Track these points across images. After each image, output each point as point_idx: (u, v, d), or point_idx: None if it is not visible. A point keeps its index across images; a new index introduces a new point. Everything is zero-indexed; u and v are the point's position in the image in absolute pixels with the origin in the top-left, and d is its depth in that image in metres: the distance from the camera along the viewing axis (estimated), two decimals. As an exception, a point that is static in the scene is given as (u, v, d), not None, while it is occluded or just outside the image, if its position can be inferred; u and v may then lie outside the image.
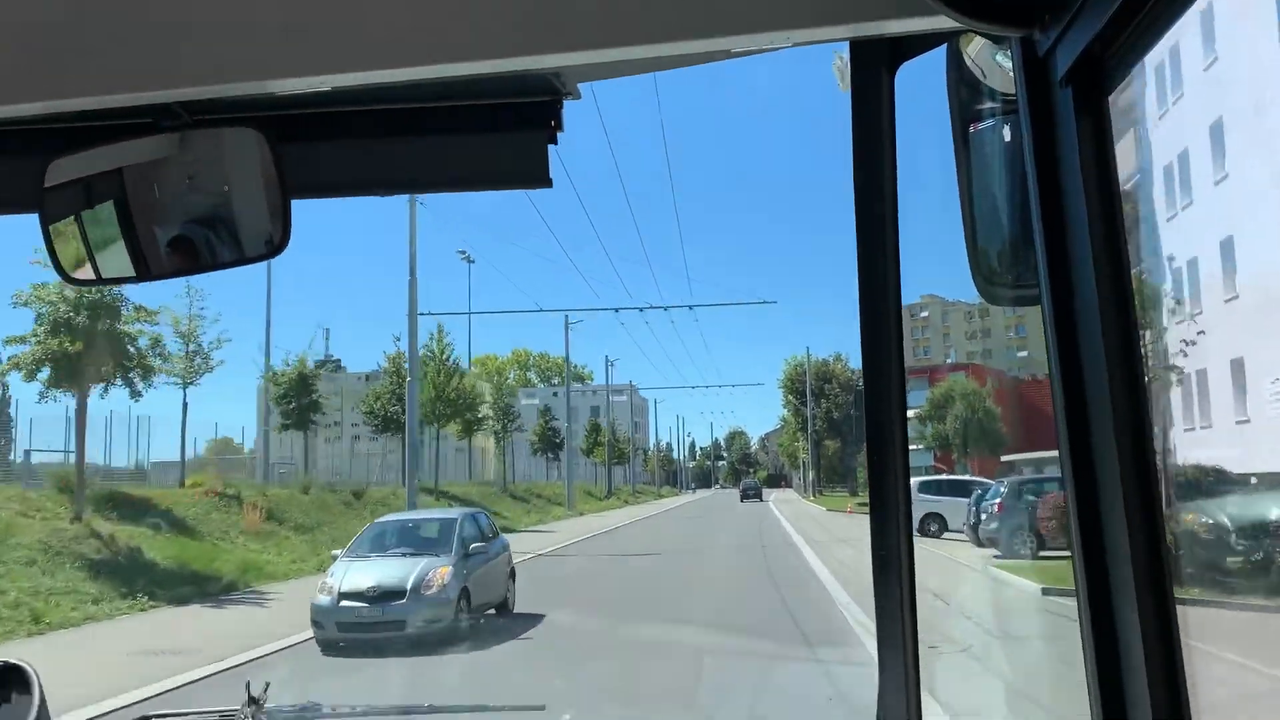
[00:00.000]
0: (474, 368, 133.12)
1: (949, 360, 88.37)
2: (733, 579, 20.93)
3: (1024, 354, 75.46)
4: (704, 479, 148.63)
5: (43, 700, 1.37)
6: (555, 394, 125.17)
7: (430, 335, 42.95)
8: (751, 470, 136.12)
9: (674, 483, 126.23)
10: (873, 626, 1.79)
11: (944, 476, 34.22)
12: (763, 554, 26.16)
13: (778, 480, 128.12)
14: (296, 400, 35.44)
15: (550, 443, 64.99)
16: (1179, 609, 1.19)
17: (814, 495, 68.37)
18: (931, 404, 46.70)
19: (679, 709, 8.03)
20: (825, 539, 28.27)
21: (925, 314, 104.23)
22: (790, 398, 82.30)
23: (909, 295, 1.88)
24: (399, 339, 43.75)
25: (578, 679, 9.71)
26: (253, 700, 1.42)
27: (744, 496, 74.01)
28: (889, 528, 1.83)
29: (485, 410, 46.38)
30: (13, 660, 1.46)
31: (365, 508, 28.71)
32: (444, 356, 41.15)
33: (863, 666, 8.29)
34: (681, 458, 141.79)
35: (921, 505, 24.29)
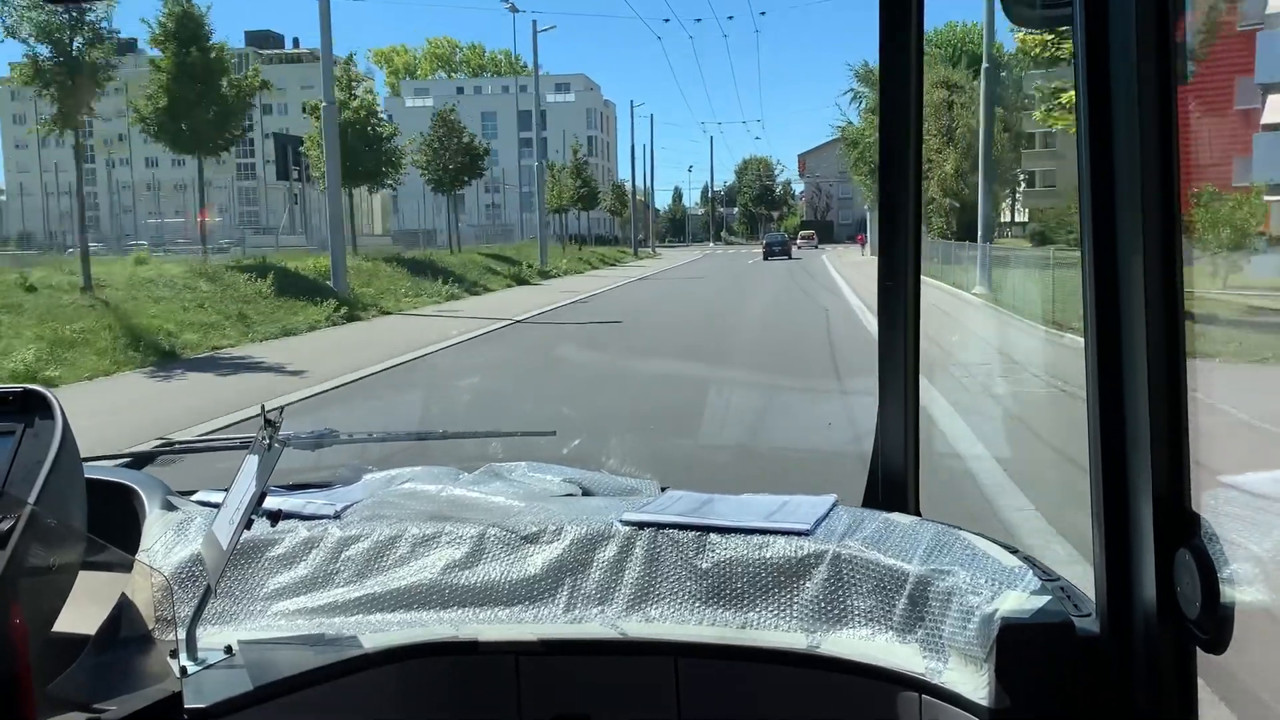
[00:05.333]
0: (375, 63, 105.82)
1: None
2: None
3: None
4: (712, 230, 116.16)
5: (65, 423, 1.42)
6: (461, 90, 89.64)
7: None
8: (776, 217, 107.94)
9: (670, 237, 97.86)
10: None
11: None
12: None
13: (825, 231, 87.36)
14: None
15: (444, 175, 36.32)
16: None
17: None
18: None
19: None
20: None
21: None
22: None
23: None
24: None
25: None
26: (269, 423, 1.47)
27: (768, 254, 55.68)
28: (897, 254, 1.84)
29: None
30: (32, 386, 1.50)
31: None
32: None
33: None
34: (646, 193, 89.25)
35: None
